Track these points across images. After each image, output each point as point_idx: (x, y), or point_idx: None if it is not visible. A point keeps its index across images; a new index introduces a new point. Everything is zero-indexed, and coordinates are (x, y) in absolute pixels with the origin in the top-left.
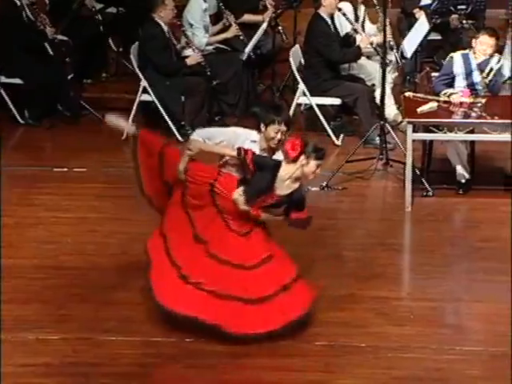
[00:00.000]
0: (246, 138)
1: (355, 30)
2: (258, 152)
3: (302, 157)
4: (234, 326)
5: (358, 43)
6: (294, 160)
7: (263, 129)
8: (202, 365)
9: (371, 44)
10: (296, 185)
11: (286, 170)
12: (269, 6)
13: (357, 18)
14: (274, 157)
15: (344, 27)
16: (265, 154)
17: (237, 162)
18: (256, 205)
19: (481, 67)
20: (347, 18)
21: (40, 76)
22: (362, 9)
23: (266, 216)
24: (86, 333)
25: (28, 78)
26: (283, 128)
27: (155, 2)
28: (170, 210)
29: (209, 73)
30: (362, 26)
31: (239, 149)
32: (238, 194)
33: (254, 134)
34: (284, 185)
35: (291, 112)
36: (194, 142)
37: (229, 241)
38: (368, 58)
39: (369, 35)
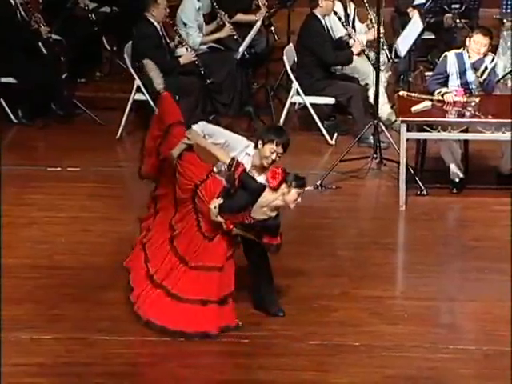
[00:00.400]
0: (243, 149)
1: (349, 35)
2: (248, 166)
3: (284, 185)
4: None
5: (351, 47)
6: (275, 189)
7: (260, 146)
8: (196, 364)
9: (363, 51)
10: (273, 213)
11: (267, 197)
12: (261, 6)
13: (347, 17)
14: (261, 178)
15: (336, 30)
16: (254, 172)
17: (227, 171)
18: (228, 220)
19: (475, 66)
20: (342, 23)
21: (34, 75)
22: (352, 7)
23: (238, 231)
24: (79, 332)
25: (21, 77)
26: (279, 150)
27: (148, 1)
28: (160, 202)
29: (203, 71)
30: (353, 25)
31: (232, 159)
32: (214, 206)
33: (251, 148)
34: (261, 210)
35: (285, 111)
36: (193, 132)
37: (193, 239)
38: (358, 55)
39: (359, 33)
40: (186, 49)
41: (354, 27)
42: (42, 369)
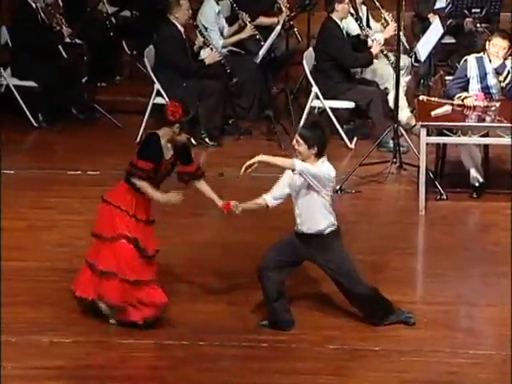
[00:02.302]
0: None
1: (366, 36)
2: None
3: (177, 125)
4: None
5: (370, 48)
6: (170, 124)
7: None
8: (213, 368)
9: (382, 51)
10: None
11: (165, 137)
12: (283, 8)
13: (360, 19)
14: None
15: (353, 31)
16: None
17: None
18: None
19: (498, 71)
20: (359, 24)
21: (54, 79)
22: (363, 9)
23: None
24: (99, 336)
25: (42, 80)
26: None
27: (170, 3)
28: None
29: (228, 70)
30: (368, 25)
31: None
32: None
33: None
34: (167, 148)
35: (305, 115)
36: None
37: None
38: (376, 57)
39: (375, 32)
40: (211, 49)
41: (369, 27)
42: (62, 372)
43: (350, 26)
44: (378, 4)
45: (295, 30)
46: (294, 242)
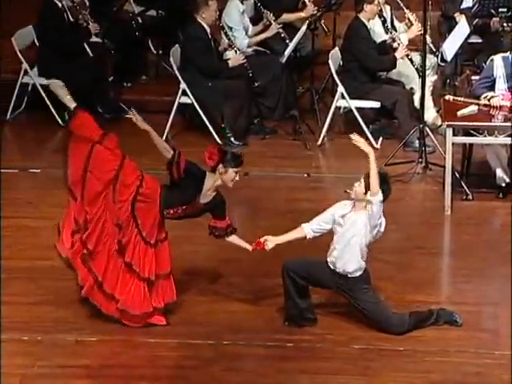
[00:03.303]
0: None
1: (393, 39)
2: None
3: (220, 165)
4: None
5: (395, 50)
6: (213, 169)
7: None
8: (240, 368)
9: (407, 55)
10: (214, 193)
11: (209, 181)
12: (308, 3)
13: (384, 20)
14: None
15: (379, 33)
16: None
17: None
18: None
19: None
20: (386, 26)
21: (80, 78)
22: (387, 9)
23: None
24: (124, 334)
25: (68, 79)
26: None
27: (198, 3)
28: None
29: (251, 74)
30: (392, 25)
31: (174, 150)
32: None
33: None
34: (207, 194)
35: (330, 115)
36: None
37: (140, 250)
38: (402, 58)
39: (399, 32)
40: (235, 51)
41: (393, 27)
42: (88, 370)
43: (376, 27)
44: (401, 4)
45: (322, 22)
46: (325, 270)
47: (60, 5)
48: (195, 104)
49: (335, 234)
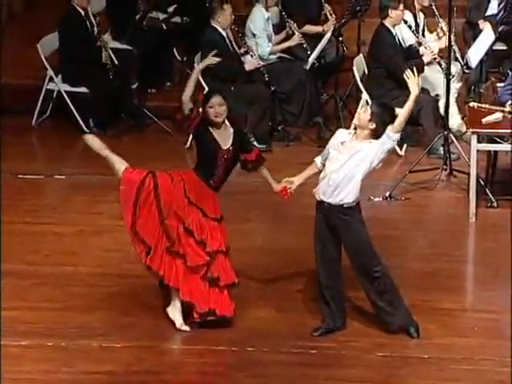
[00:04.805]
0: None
1: (419, 43)
2: None
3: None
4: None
5: (422, 56)
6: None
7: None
8: (264, 374)
9: (435, 59)
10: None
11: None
12: (329, 16)
13: (417, 27)
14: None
15: (405, 39)
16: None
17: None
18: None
19: None
20: (412, 31)
21: (104, 84)
22: (421, 17)
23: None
24: (149, 341)
25: (92, 86)
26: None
27: (213, 8)
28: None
29: (267, 78)
30: (423, 34)
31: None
32: None
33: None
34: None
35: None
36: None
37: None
38: (427, 64)
39: (428, 42)
40: (251, 55)
41: (423, 35)
42: (112, 377)
43: (404, 32)
44: (436, 12)
45: (341, 39)
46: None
47: (83, 13)
48: None
49: (329, 160)
